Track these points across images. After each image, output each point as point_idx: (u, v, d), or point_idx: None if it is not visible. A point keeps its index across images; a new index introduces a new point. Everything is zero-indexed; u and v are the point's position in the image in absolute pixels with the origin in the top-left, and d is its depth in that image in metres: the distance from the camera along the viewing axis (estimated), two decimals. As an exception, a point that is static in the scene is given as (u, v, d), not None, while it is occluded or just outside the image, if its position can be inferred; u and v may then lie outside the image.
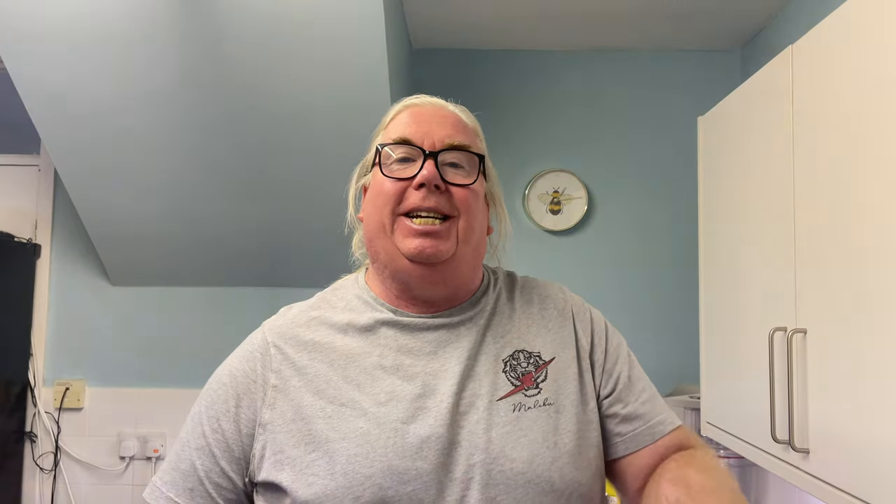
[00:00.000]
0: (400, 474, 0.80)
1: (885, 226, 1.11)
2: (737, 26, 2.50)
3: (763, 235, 1.58)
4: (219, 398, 0.90)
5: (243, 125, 2.12)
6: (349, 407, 0.84)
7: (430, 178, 0.87)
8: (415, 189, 0.88)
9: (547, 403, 0.88)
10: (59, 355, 2.59)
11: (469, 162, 0.92)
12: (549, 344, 0.94)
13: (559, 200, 2.65)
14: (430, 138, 0.90)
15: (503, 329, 0.94)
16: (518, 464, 0.83)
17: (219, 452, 0.87)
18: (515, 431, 0.85)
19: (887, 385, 1.10)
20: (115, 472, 2.54)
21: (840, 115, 1.26)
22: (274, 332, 0.92)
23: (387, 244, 0.90)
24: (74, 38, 1.91)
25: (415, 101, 0.96)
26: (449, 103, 0.98)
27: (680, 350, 2.47)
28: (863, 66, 1.19)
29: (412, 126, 0.92)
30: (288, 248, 2.47)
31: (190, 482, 0.87)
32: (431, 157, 0.89)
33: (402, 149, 0.91)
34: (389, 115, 0.97)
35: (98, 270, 2.60)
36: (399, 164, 0.90)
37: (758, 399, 1.53)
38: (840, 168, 1.25)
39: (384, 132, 0.96)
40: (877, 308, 1.13)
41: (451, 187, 0.89)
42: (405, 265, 0.88)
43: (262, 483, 0.86)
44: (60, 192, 2.60)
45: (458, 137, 0.92)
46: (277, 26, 1.88)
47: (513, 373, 0.90)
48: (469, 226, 0.90)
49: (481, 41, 2.65)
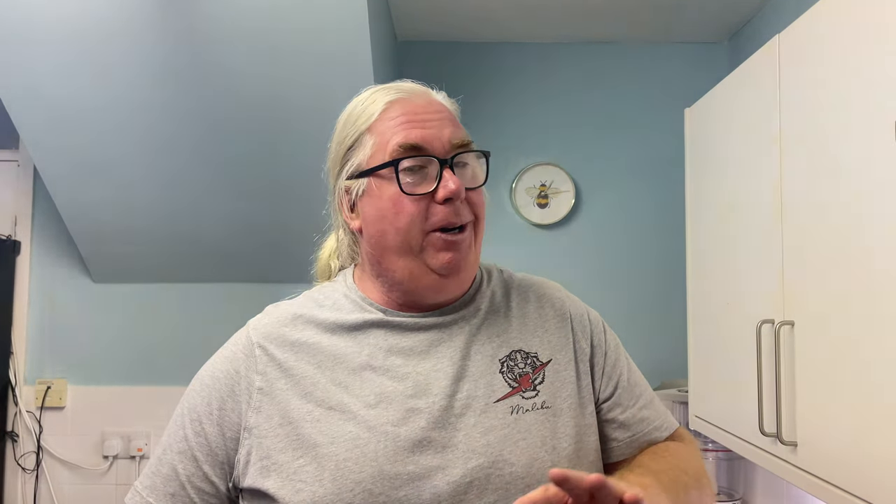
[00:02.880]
0: (391, 479, 0.77)
1: (873, 217, 1.11)
2: (723, 18, 2.49)
3: (750, 227, 1.57)
4: (202, 400, 0.86)
5: (224, 120, 2.09)
6: (337, 410, 0.82)
7: (458, 193, 0.82)
8: (439, 203, 0.83)
9: (544, 407, 0.85)
10: (41, 354, 2.56)
11: (475, 158, 0.88)
12: (547, 345, 0.90)
13: (546, 194, 2.64)
14: (439, 141, 0.84)
15: (499, 328, 0.90)
16: (517, 468, 0.80)
17: (201, 456, 0.85)
18: (514, 435, 0.82)
19: (874, 377, 1.10)
20: (98, 471, 2.51)
21: (827, 105, 1.25)
22: (259, 332, 0.88)
23: (410, 263, 0.85)
24: (52, 33, 1.88)
25: (400, 95, 0.88)
26: (431, 90, 0.92)
27: (667, 343, 2.46)
28: (849, 54, 1.19)
29: (415, 128, 0.84)
30: (272, 244, 2.44)
31: (171, 487, 0.85)
32: (447, 165, 0.83)
33: (414, 159, 0.83)
34: (375, 109, 0.87)
35: (79, 267, 2.57)
36: (411, 176, 0.83)
37: (745, 392, 1.53)
38: (827, 159, 1.24)
39: (373, 133, 0.86)
40: (864, 299, 1.12)
41: (469, 192, 0.85)
42: (433, 281, 0.85)
43: (248, 489, 0.83)
44: (40, 187, 2.56)
45: (459, 135, 0.86)
46: (258, 18, 1.85)
47: (510, 374, 0.87)
48: (482, 228, 0.88)
49: (467, 33, 2.63)
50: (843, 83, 1.20)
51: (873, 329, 1.10)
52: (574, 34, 2.64)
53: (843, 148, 1.19)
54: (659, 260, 2.57)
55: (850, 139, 1.17)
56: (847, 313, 1.17)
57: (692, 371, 1.95)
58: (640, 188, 2.64)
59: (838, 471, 1.20)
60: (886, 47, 1.08)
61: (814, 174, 1.29)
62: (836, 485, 1.20)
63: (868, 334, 1.11)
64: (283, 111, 2.07)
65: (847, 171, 1.18)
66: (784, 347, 1.37)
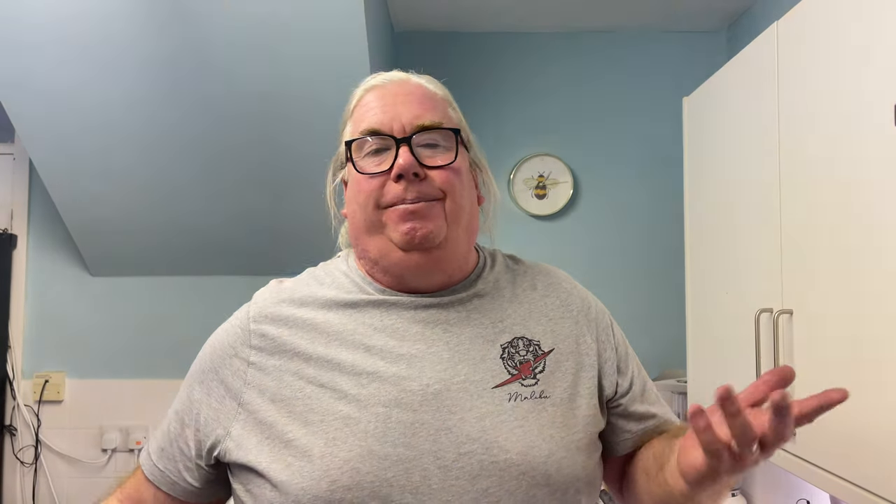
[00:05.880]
0: (380, 459, 0.77)
1: (872, 205, 1.10)
2: (722, 7, 2.48)
3: (748, 216, 1.57)
4: (199, 369, 0.90)
5: (220, 112, 2.08)
6: (329, 388, 0.81)
7: (406, 168, 0.82)
8: (394, 181, 0.83)
9: (543, 396, 0.84)
10: (38, 347, 2.55)
11: (445, 138, 0.87)
12: (550, 334, 0.89)
13: (545, 185, 2.63)
14: (399, 122, 0.85)
15: (502, 313, 0.89)
16: (512, 455, 0.79)
17: (188, 420, 0.88)
18: (510, 422, 0.81)
19: (874, 365, 1.09)
20: (97, 464, 2.51)
21: (826, 92, 1.24)
22: (257, 307, 0.90)
23: (377, 241, 0.86)
24: (48, 26, 1.86)
25: (376, 82, 0.90)
26: (412, 74, 0.92)
27: (667, 333, 2.46)
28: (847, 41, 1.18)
29: (378, 113, 0.86)
30: (270, 237, 2.43)
31: (164, 442, 0.91)
32: (405, 144, 0.84)
33: (373, 140, 0.85)
34: (353, 100, 0.91)
35: (76, 260, 2.56)
36: (373, 157, 0.86)
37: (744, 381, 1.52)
38: (826, 146, 1.24)
39: (351, 121, 0.90)
40: (862, 287, 1.12)
41: (431, 171, 0.84)
42: (399, 257, 0.84)
43: (236, 464, 0.83)
44: (36, 181, 2.54)
45: (427, 116, 0.86)
46: (254, 9, 1.84)
47: (510, 360, 0.85)
48: (457, 206, 0.86)
49: (465, 23, 2.62)
50: (842, 70, 1.19)
51: (871, 317, 1.10)
52: (572, 23, 2.62)
53: (842, 135, 1.18)
54: (657, 249, 2.57)
55: (849, 126, 1.16)
56: (845, 301, 1.17)
57: (691, 361, 1.95)
58: (638, 178, 2.63)
59: (836, 459, 1.19)
60: (884, 34, 1.08)
61: (812, 162, 1.29)
62: (834, 473, 1.20)
63: (866, 322, 1.11)
64: (279, 103, 2.06)
65: (846, 157, 1.17)
66: (783, 336, 1.37)
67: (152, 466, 0.91)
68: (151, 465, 0.91)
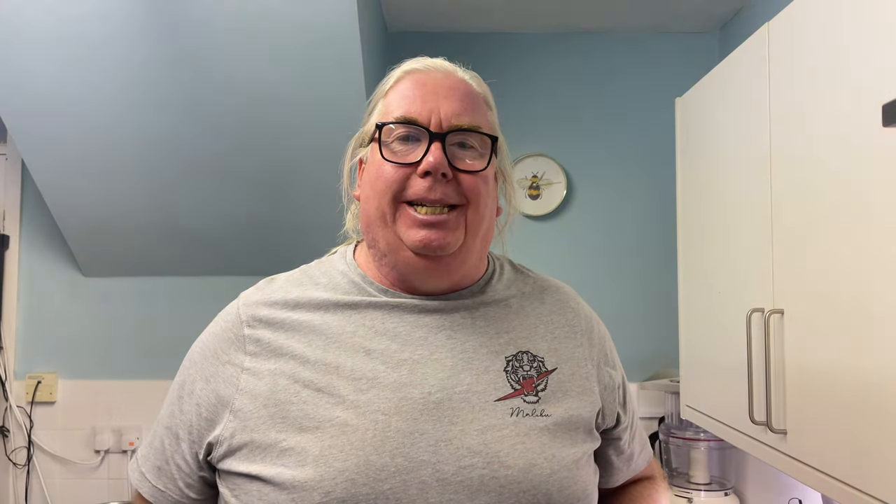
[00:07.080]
0: (377, 470, 0.73)
1: (862, 204, 1.11)
2: (715, 9, 2.49)
3: (739, 215, 1.57)
4: (189, 377, 0.86)
5: (214, 113, 2.08)
6: (326, 393, 0.77)
7: (436, 167, 0.78)
8: (420, 176, 0.79)
9: (544, 414, 0.81)
10: (30, 348, 2.54)
11: (480, 142, 0.83)
12: (554, 352, 0.87)
13: (538, 185, 2.63)
14: (437, 115, 0.81)
15: (508, 324, 0.86)
16: (514, 472, 0.76)
17: (182, 434, 0.84)
18: (512, 437, 0.78)
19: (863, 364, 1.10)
20: (89, 465, 2.50)
21: (817, 93, 1.25)
22: (249, 309, 0.85)
23: (387, 234, 0.82)
24: (41, 27, 1.86)
25: (418, 67, 0.87)
26: (459, 68, 0.89)
27: (660, 334, 2.47)
28: (838, 42, 1.18)
29: (416, 101, 0.82)
30: (262, 237, 2.43)
31: (158, 460, 0.87)
32: (438, 140, 0.79)
33: (404, 128, 0.82)
34: (389, 80, 0.87)
35: (69, 261, 2.55)
36: (401, 144, 0.81)
37: (736, 381, 1.53)
38: (817, 146, 1.25)
39: (384, 102, 0.86)
40: (853, 287, 1.13)
41: (460, 174, 0.80)
42: (408, 257, 0.81)
43: (228, 471, 0.80)
44: (28, 181, 2.54)
45: (466, 116, 0.82)
46: (246, 9, 1.84)
47: (514, 374, 0.82)
48: (479, 216, 0.82)
49: (458, 24, 2.62)
50: (832, 71, 1.20)
51: (862, 317, 1.10)
52: (565, 24, 2.63)
53: (833, 135, 1.19)
54: (651, 250, 2.57)
55: (840, 126, 1.17)
56: (836, 301, 1.17)
57: (684, 361, 1.96)
58: (631, 178, 2.64)
59: (828, 458, 1.20)
60: (874, 35, 1.08)
61: (804, 162, 1.29)
62: (825, 472, 1.21)
63: (857, 322, 1.12)
64: (272, 103, 2.06)
65: (837, 158, 1.18)
66: (774, 336, 1.38)
67: (151, 487, 0.87)
68: (150, 486, 0.87)
